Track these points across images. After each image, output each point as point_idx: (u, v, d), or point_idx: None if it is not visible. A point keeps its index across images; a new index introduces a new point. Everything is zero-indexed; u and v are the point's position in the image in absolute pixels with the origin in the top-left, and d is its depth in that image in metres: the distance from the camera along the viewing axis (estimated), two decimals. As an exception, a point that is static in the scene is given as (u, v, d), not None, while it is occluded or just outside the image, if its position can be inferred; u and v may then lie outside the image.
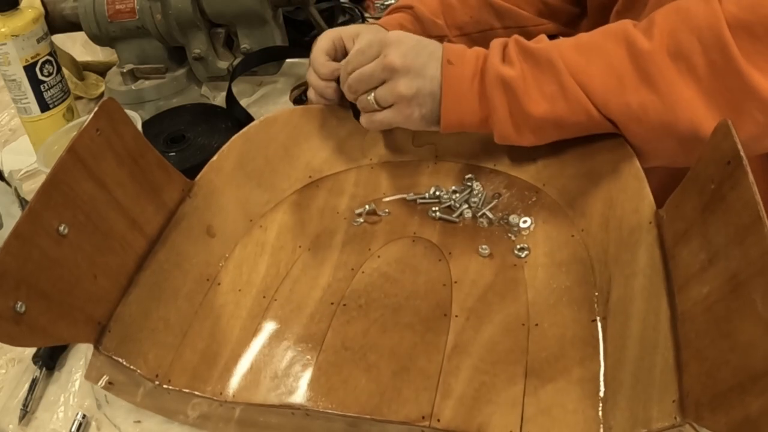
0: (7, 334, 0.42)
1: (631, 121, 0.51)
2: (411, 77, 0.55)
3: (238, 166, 0.63)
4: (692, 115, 0.49)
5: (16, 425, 0.52)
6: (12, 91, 0.80)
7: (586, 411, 0.44)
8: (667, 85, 0.49)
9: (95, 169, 0.49)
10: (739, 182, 0.38)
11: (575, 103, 0.52)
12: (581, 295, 0.51)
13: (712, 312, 0.39)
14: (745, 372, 0.34)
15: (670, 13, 0.50)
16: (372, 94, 0.58)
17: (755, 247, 0.36)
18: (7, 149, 0.90)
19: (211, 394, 0.49)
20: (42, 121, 0.82)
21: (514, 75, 0.53)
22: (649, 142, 0.53)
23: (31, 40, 0.78)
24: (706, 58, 0.48)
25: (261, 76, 0.93)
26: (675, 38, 0.49)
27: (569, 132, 0.55)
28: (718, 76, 0.48)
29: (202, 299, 0.56)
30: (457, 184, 0.63)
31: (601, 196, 0.55)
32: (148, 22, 0.85)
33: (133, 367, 0.49)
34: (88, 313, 0.48)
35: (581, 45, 0.53)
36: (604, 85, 0.51)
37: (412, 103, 0.56)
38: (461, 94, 0.55)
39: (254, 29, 0.86)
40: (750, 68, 0.47)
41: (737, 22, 0.47)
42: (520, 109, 0.53)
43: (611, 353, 0.46)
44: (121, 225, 0.52)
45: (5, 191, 0.83)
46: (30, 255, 0.43)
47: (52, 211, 0.45)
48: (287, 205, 0.64)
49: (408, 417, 0.45)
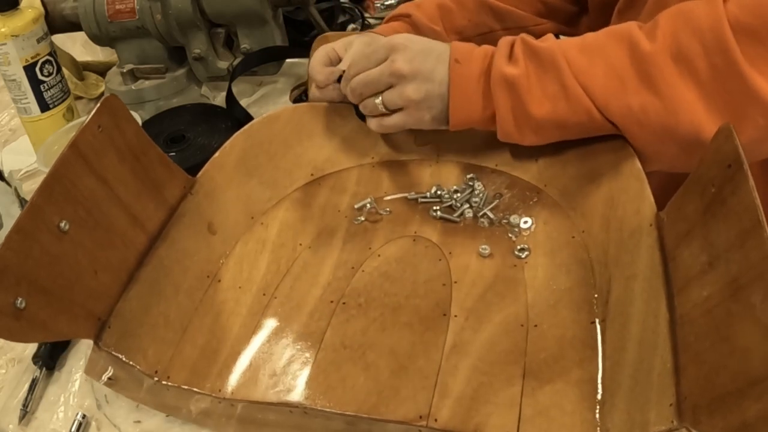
0: (6, 330, 0.42)
1: (632, 124, 0.51)
2: (419, 82, 0.56)
3: (240, 162, 0.63)
4: (693, 118, 0.49)
5: (16, 425, 0.52)
6: (12, 91, 0.81)
7: (583, 413, 0.44)
8: (668, 88, 0.49)
9: (97, 165, 0.49)
10: (739, 186, 0.38)
11: (577, 104, 0.52)
12: (581, 296, 0.51)
13: (712, 315, 0.38)
14: (744, 376, 0.34)
15: (674, 15, 0.50)
16: (379, 97, 0.58)
17: (755, 251, 0.36)
18: (7, 149, 0.90)
19: (210, 391, 0.49)
20: (42, 121, 0.82)
21: (517, 74, 0.53)
22: (650, 145, 0.53)
23: (31, 40, 0.78)
24: (708, 60, 0.48)
25: (261, 76, 0.93)
26: (677, 40, 0.49)
27: (571, 133, 0.55)
28: (719, 79, 0.48)
29: (203, 296, 0.56)
30: (458, 184, 0.63)
31: (602, 197, 0.55)
32: (148, 22, 0.86)
33: (133, 363, 0.49)
34: (89, 309, 0.48)
35: (586, 46, 0.53)
36: (605, 87, 0.51)
37: (422, 106, 0.56)
38: (468, 93, 0.55)
39: (254, 29, 0.87)
40: (752, 71, 0.46)
41: (740, 25, 0.46)
42: (523, 108, 0.53)
43: (610, 355, 0.46)
44: (122, 221, 0.52)
45: (5, 191, 0.83)
46: (31, 251, 0.43)
47: (54, 207, 0.46)
48: (289, 202, 0.64)
49: (405, 416, 0.45)
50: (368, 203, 0.62)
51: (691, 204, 0.45)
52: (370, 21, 1.09)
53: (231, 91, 0.83)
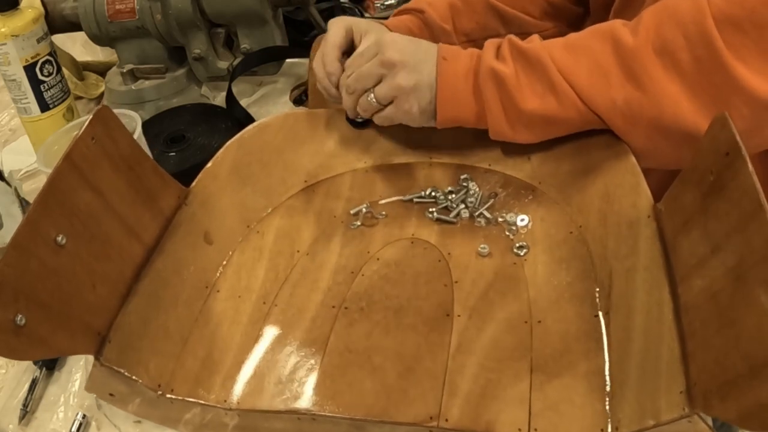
0: (7, 347, 0.41)
1: (618, 118, 0.52)
2: (409, 70, 0.56)
3: (234, 171, 0.63)
4: (677, 110, 0.49)
5: (16, 425, 0.52)
6: (12, 91, 0.80)
7: (593, 405, 0.44)
8: (652, 81, 0.50)
9: (91, 177, 0.49)
10: (739, 172, 0.39)
11: (565, 99, 0.52)
12: (582, 290, 0.51)
13: (717, 301, 0.39)
14: (755, 358, 0.34)
15: (658, 10, 0.51)
16: (371, 94, 0.58)
17: (757, 234, 0.36)
18: (7, 149, 0.90)
19: (215, 402, 0.49)
20: (42, 121, 0.82)
21: (507, 72, 0.54)
22: (638, 140, 0.53)
23: (31, 40, 0.78)
24: (691, 53, 0.48)
25: (261, 76, 0.93)
26: (660, 34, 0.49)
27: (562, 129, 0.56)
28: (703, 71, 0.48)
29: (202, 306, 0.55)
30: (452, 185, 0.64)
31: (598, 192, 0.55)
32: (148, 22, 0.85)
33: (135, 377, 0.49)
34: (88, 324, 0.47)
35: (570, 44, 0.53)
36: (590, 82, 0.52)
37: (411, 96, 0.57)
38: (456, 90, 0.56)
39: (254, 29, 0.87)
40: (736, 62, 0.47)
41: (724, 16, 0.47)
42: (513, 104, 0.54)
43: (616, 347, 0.46)
44: (119, 233, 0.51)
45: (5, 191, 0.82)
46: (28, 266, 0.43)
47: (50, 220, 0.45)
48: (284, 209, 0.64)
49: (416, 417, 0.45)
50: (364, 208, 0.62)
51: (689, 193, 0.45)
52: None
53: (231, 91, 0.83)
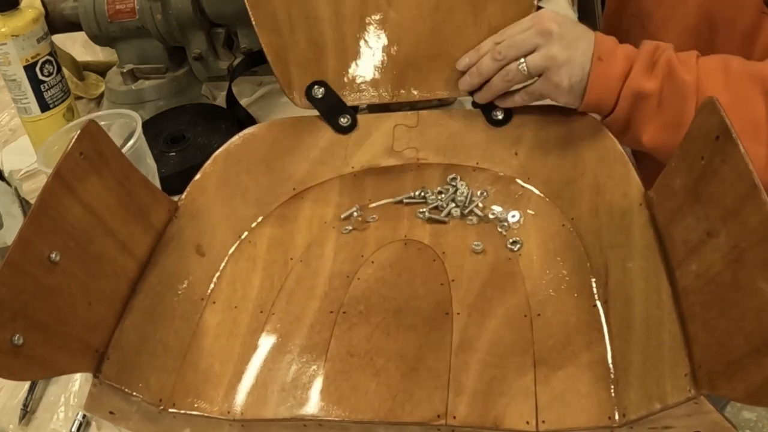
0: (6, 368, 0.40)
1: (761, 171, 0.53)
2: (565, 44, 0.56)
3: (222, 183, 0.62)
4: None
5: (16, 425, 0.51)
6: (12, 91, 0.80)
7: (599, 393, 0.44)
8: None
9: (81, 193, 0.48)
10: (730, 155, 0.39)
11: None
12: (579, 281, 0.52)
13: (716, 283, 0.39)
14: (760, 336, 0.34)
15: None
16: (523, 61, 0.57)
17: (754, 215, 0.37)
18: (7, 149, 0.89)
19: (218, 414, 0.48)
20: (42, 121, 0.82)
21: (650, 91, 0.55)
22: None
23: (31, 40, 0.77)
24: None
25: (261, 76, 0.93)
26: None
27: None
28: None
29: (199, 319, 0.55)
30: (441, 185, 0.64)
31: (588, 184, 0.56)
32: (148, 22, 0.85)
33: (136, 394, 0.48)
34: (86, 341, 0.46)
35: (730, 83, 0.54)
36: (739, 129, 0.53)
37: (563, 69, 0.56)
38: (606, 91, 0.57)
39: (254, 29, 0.86)
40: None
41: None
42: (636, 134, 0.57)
43: (617, 335, 0.47)
44: (112, 249, 0.50)
45: (5, 191, 0.82)
46: (24, 285, 0.42)
47: (42, 238, 0.44)
48: (274, 218, 0.63)
49: (423, 417, 0.45)
50: (355, 212, 0.62)
51: (680, 179, 0.46)
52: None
53: (231, 91, 0.83)
